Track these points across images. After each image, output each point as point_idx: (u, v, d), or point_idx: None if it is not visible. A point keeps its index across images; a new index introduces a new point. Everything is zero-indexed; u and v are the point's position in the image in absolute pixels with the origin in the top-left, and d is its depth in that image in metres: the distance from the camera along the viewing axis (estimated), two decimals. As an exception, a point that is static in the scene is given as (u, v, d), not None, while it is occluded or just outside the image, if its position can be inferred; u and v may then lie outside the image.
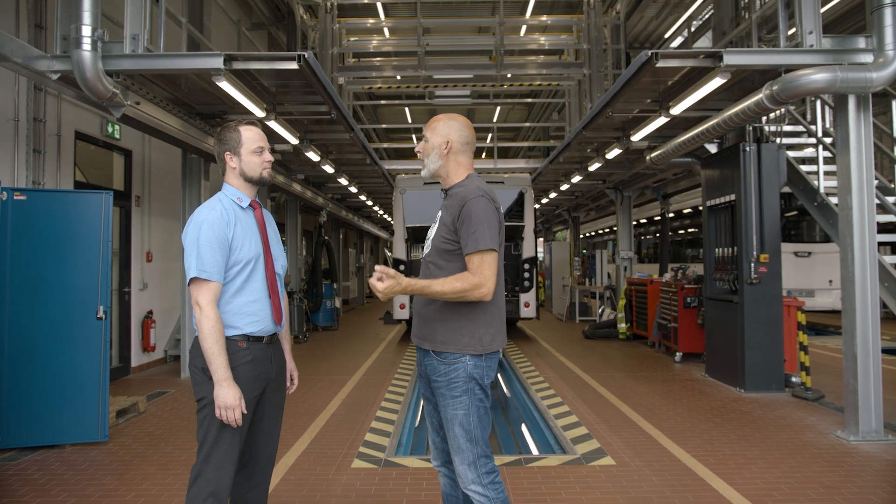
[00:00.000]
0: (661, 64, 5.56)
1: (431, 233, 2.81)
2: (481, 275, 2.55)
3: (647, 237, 19.98)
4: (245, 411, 2.55)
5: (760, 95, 5.60)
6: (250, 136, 2.74)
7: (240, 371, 2.59)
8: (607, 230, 24.76)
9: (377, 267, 2.53)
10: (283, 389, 2.89)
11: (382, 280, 2.48)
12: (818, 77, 5.12)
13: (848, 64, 5.23)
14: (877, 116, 6.47)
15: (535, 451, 5.95)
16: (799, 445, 5.11)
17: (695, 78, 6.32)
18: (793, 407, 6.40)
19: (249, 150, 2.73)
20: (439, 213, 2.82)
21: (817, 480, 4.33)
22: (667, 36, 15.08)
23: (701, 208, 15.54)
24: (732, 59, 5.40)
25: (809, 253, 13.59)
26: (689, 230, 17.58)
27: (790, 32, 5.75)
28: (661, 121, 7.36)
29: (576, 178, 12.11)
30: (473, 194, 2.62)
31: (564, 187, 13.70)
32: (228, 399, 2.49)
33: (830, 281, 13.69)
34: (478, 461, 2.64)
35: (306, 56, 5.47)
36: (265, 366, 2.72)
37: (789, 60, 5.36)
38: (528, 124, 17.83)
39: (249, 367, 2.64)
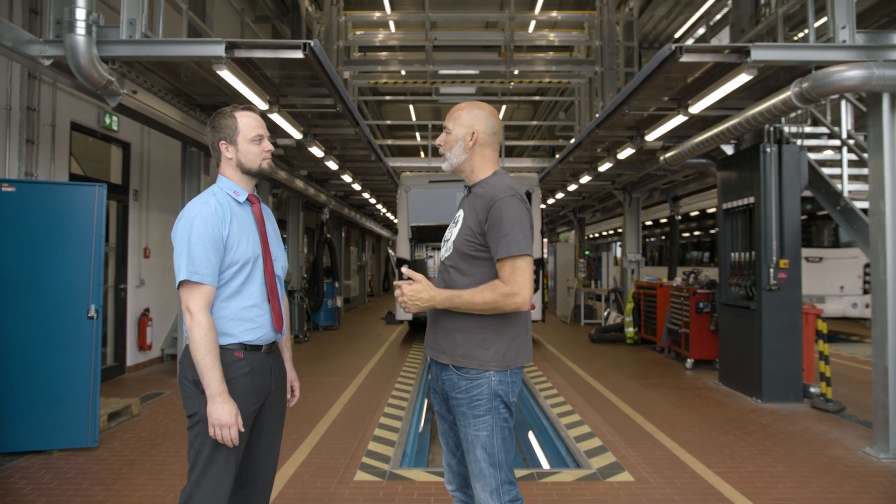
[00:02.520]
0: (684, 59, 5.28)
1: (451, 234, 2.53)
2: (515, 283, 2.29)
3: (651, 239, 19.70)
4: (242, 429, 2.29)
5: (789, 93, 5.33)
6: (247, 123, 2.47)
7: (236, 384, 2.32)
8: (611, 232, 24.50)
9: (403, 270, 2.31)
10: (283, 402, 2.62)
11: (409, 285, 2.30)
12: (852, 74, 4.86)
13: (883, 61, 4.96)
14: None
15: (544, 462, 5.69)
16: (827, 462, 4.84)
17: (717, 75, 6.05)
18: (814, 419, 6.13)
19: (247, 139, 2.46)
20: (460, 213, 2.55)
21: (852, 503, 4.07)
22: (677, 36, 14.82)
23: (709, 211, 15.42)
24: (760, 54, 5.13)
25: (821, 258, 13.33)
26: (694, 233, 17.31)
27: (816, 25, 5.48)
28: (679, 120, 7.08)
29: (584, 179, 11.83)
30: (503, 193, 2.35)
31: (572, 188, 13.42)
32: (223, 416, 2.22)
33: (842, 287, 13.43)
34: (501, 488, 2.39)
35: (312, 45, 5.20)
36: (264, 378, 2.46)
37: (821, 56, 5.09)
38: (535, 123, 17.51)
39: (247, 379, 2.38)
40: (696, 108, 6.58)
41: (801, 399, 6.78)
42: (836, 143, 7.48)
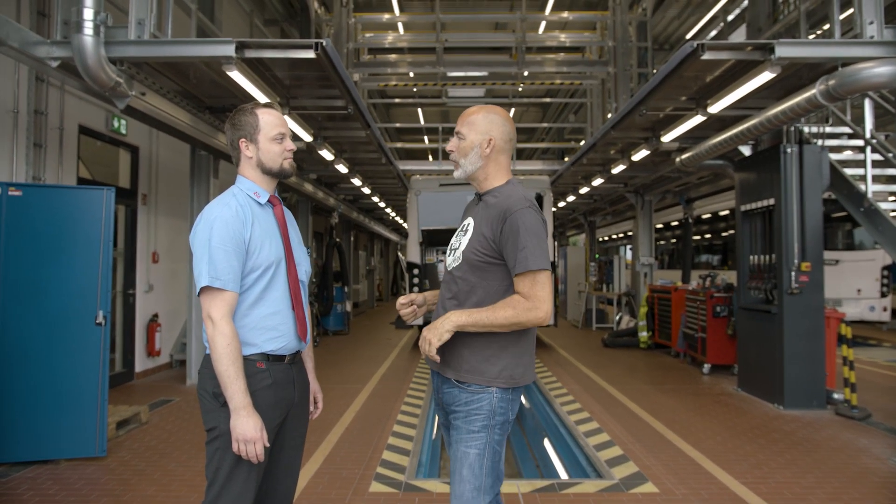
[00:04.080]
0: (706, 56, 5.14)
1: (460, 242, 2.38)
2: (535, 297, 2.16)
3: (661, 243, 19.48)
4: (267, 444, 2.16)
5: (814, 91, 5.17)
6: (269, 121, 2.34)
7: (258, 397, 2.19)
8: (622, 235, 24.26)
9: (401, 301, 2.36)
10: (305, 415, 2.48)
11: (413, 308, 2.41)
12: (882, 70, 4.71)
13: (913, 57, 4.80)
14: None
15: (561, 471, 5.54)
16: (858, 473, 4.66)
17: (737, 74, 5.90)
18: (839, 427, 5.95)
19: (268, 137, 2.33)
20: (469, 221, 2.40)
21: (888, 516, 3.91)
22: (688, 37, 14.65)
23: (722, 213, 15.21)
24: (785, 51, 4.98)
25: (837, 261, 13.10)
26: (705, 236, 17.09)
27: (840, 18, 5.33)
28: (697, 120, 6.92)
29: (597, 181, 11.67)
30: (519, 205, 2.23)
31: (584, 190, 13.25)
32: (248, 431, 2.09)
33: (859, 290, 13.22)
34: None
35: (324, 44, 5.09)
36: (287, 390, 2.32)
37: (848, 53, 4.93)
38: (545, 125, 17.35)
39: (269, 391, 2.24)
40: (716, 108, 6.42)
41: (824, 406, 6.60)
42: (858, 142, 7.31)
